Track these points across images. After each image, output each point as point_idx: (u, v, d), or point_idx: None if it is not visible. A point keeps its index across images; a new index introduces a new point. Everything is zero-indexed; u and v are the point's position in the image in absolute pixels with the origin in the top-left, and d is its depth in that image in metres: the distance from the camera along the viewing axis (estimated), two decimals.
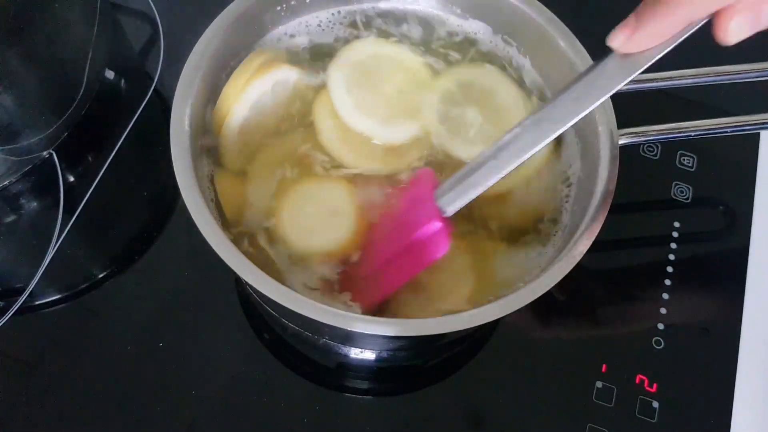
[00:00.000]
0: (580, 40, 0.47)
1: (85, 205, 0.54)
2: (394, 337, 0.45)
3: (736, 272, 0.55)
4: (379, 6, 0.52)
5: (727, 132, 0.48)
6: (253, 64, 0.47)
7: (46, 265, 0.52)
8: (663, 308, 0.53)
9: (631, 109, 0.47)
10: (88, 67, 0.55)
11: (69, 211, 0.54)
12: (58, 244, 0.53)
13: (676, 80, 0.48)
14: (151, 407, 0.48)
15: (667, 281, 0.54)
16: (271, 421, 0.49)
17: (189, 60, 0.44)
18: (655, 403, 0.50)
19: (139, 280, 0.53)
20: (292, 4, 0.49)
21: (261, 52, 0.48)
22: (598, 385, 0.50)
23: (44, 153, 0.55)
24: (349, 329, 0.38)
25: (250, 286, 0.39)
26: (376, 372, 0.53)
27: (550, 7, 0.48)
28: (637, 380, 0.51)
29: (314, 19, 0.51)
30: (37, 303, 0.52)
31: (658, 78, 0.48)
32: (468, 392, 0.50)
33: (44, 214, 0.55)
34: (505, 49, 0.51)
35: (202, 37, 0.45)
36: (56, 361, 0.50)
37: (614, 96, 0.45)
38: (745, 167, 0.60)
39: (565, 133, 0.48)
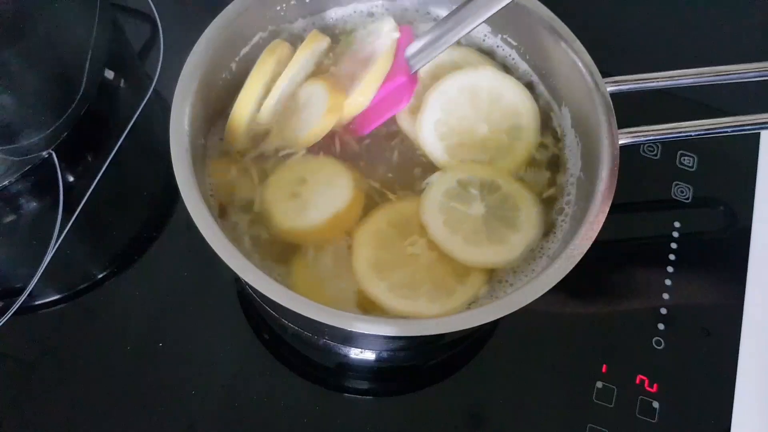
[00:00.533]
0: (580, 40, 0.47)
1: (84, 205, 0.54)
2: (394, 337, 0.45)
3: (736, 272, 0.55)
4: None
5: (727, 132, 0.48)
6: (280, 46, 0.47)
7: (45, 265, 0.52)
8: (663, 308, 0.53)
9: (631, 109, 0.47)
10: (87, 67, 0.55)
11: (68, 211, 0.54)
12: (58, 244, 0.53)
13: (676, 80, 0.48)
14: (151, 407, 0.48)
15: (668, 281, 0.54)
16: (271, 421, 0.49)
17: (189, 60, 0.44)
18: (656, 404, 0.50)
19: (139, 280, 0.53)
20: (293, 4, 0.49)
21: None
22: (599, 385, 0.50)
23: (44, 153, 0.55)
24: (349, 329, 0.38)
25: (250, 286, 0.39)
26: (376, 372, 0.53)
27: (550, 7, 0.48)
28: (638, 380, 0.51)
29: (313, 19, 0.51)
30: (37, 303, 0.52)
31: (658, 78, 0.48)
32: (468, 392, 0.50)
33: (44, 214, 0.55)
34: (505, 49, 0.51)
35: (201, 37, 0.45)
36: (56, 361, 0.50)
37: (614, 96, 0.45)
38: (745, 167, 0.60)
39: (566, 132, 0.48)
